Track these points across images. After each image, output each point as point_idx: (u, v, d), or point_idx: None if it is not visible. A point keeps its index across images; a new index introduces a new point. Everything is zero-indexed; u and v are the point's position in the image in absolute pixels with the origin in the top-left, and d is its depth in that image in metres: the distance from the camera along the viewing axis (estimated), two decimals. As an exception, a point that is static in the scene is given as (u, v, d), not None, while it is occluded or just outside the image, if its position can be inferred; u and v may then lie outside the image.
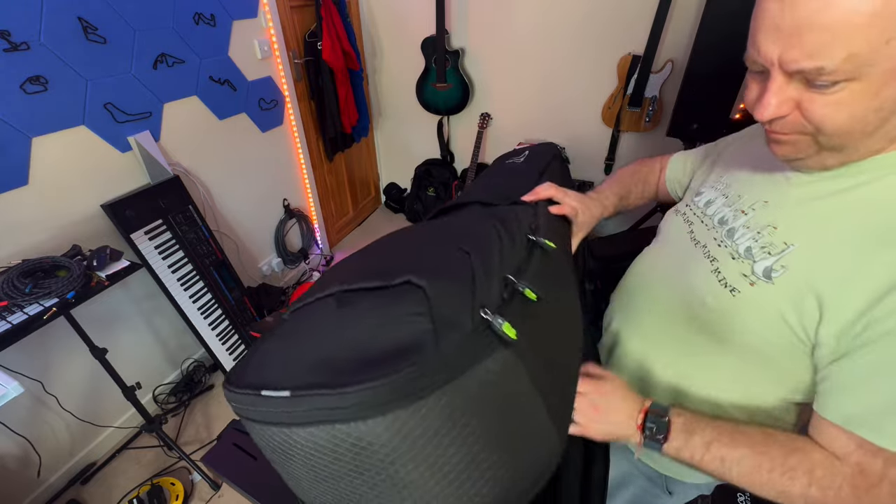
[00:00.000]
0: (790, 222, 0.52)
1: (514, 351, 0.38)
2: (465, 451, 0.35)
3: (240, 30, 1.94)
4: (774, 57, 0.42)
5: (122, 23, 1.48)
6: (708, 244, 0.61)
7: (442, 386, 0.34)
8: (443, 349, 0.34)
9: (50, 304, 1.17)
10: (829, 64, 0.39)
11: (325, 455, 0.34)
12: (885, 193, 0.46)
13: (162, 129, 1.70)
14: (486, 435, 0.36)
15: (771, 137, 0.49)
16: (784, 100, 0.44)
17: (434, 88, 2.61)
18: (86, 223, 1.51)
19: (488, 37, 2.47)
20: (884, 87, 0.39)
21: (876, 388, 0.44)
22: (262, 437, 0.36)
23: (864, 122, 0.42)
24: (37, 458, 1.50)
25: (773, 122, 0.46)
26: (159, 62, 1.62)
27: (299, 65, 2.36)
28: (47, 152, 1.37)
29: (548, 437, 0.43)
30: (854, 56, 0.38)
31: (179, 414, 1.92)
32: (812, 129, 0.44)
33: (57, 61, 1.33)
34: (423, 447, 0.34)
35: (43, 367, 1.48)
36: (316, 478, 0.36)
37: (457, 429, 0.35)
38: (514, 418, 0.39)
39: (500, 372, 0.37)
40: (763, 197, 0.57)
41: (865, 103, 0.41)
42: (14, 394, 1.04)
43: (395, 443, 0.33)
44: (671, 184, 0.82)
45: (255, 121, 2.13)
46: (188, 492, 1.62)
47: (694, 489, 0.78)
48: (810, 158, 0.48)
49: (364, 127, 2.76)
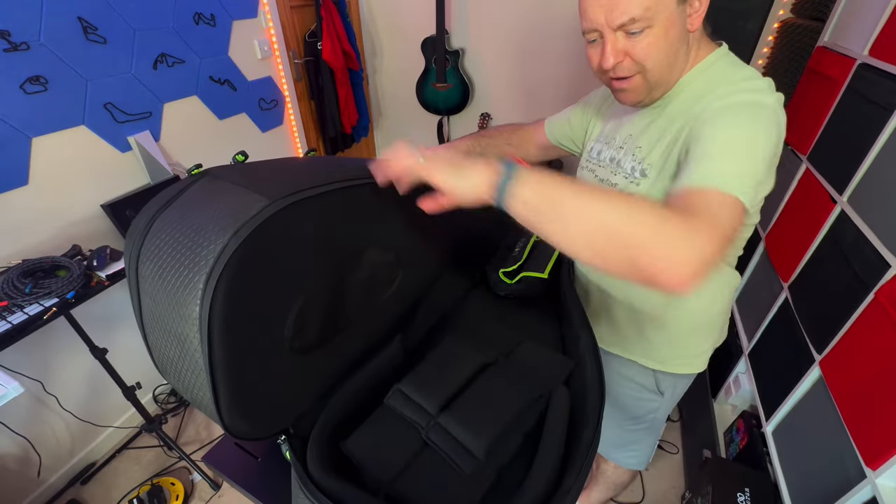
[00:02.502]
0: (645, 140, 0.76)
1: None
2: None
3: (240, 30, 1.94)
4: (603, 20, 0.63)
5: (122, 23, 1.48)
6: (608, 178, 0.83)
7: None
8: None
9: (50, 304, 1.17)
10: (636, 13, 0.60)
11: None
12: (679, 104, 0.72)
13: (162, 129, 1.70)
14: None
15: (616, 88, 0.72)
16: (617, 50, 0.65)
17: (434, 88, 2.61)
18: (86, 223, 1.51)
19: (488, 37, 2.47)
20: (669, 28, 0.63)
21: (696, 156, 0.60)
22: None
23: (666, 55, 0.65)
24: (37, 458, 1.50)
25: (616, 67, 0.67)
26: (159, 62, 1.62)
27: (299, 65, 2.36)
28: (47, 152, 1.37)
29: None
30: (647, 8, 0.60)
31: (179, 414, 1.92)
32: (640, 66, 0.66)
33: (57, 61, 1.33)
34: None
35: (43, 367, 1.48)
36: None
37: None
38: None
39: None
40: (628, 132, 0.81)
41: (663, 42, 0.63)
42: (14, 394, 1.04)
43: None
44: (559, 139, 1.02)
45: (255, 121, 2.13)
46: (188, 492, 1.62)
47: (683, 381, 0.98)
48: (646, 97, 0.71)
49: (364, 127, 2.76)
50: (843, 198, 1.13)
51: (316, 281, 0.60)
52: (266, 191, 0.51)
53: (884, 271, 0.94)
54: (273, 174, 0.59)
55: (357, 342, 0.74)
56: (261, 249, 0.49)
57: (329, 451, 0.61)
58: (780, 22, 1.78)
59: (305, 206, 0.54)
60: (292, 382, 0.63)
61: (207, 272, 0.45)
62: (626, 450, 1.15)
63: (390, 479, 0.58)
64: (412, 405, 0.65)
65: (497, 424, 0.61)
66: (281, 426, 0.63)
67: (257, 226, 0.47)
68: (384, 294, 0.77)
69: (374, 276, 0.73)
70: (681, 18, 0.64)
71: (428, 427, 0.62)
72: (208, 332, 0.47)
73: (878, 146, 1.02)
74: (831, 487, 0.98)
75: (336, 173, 0.63)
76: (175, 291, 0.47)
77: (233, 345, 0.50)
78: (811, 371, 1.14)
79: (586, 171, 0.90)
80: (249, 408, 0.56)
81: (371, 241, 0.71)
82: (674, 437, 1.77)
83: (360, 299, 0.71)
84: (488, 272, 1.02)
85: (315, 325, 0.62)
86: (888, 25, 1.07)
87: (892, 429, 0.85)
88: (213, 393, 0.51)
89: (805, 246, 1.27)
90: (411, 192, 0.61)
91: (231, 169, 0.58)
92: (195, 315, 0.46)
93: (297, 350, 0.61)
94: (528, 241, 1.08)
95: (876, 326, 0.95)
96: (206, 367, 0.48)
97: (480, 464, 0.58)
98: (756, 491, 1.21)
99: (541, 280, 0.96)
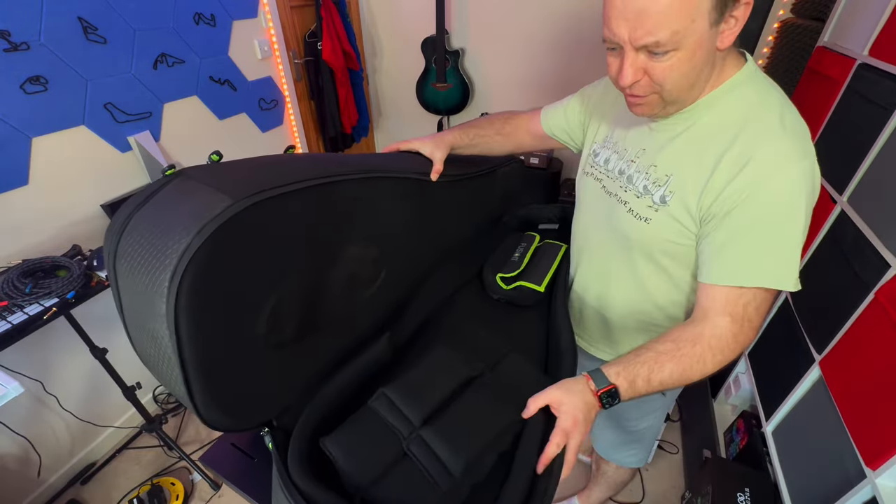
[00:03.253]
0: (662, 160, 0.72)
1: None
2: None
3: (240, 30, 1.94)
4: (626, 36, 0.58)
5: (122, 23, 1.48)
6: (617, 192, 0.79)
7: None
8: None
9: (50, 304, 1.17)
10: (662, 38, 0.56)
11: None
12: (704, 128, 0.68)
13: (162, 129, 1.70)
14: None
15: (630, 101, 0.68)
16: (637, 68, 0.61)
17: (434, 88, 2.61)
18: (86, 223, 1.51)
19: (488, 37, 2.47)
20: (696, 52, 0.58)
21: (728, 247, 0.64)
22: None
23: (688, 78, 0.62)
24: (37, 458, 1.50)
25: (633, 86, 0.63)
26: (159, 62, 1.62)
27: (299, 65, 2.36)
28: (47, 152, 1.37)
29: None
30: (676, 32, 0.55)
31: (179, 414, 1.92)
32: (658, 87, 0.63)
33: (57, 61, 1.33)
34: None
35: (43, 367, 1.48)
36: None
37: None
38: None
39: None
40: (641, 146, 0.76)
41: (687, 65, 0.59)
42: (14, 394, 1.04)
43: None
44: (554, 130, 0.98)
45: (255, 121, 2.13)
46: (188, 492, 1.62)
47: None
48: (661, 111, 0.68)
49: (364, 127, 2.76)
50: (843, 198, 1.13)
51: (289, 277, 0.61)
52: (231, 190, 0.52)
53: (884, 271, 0.94)
54: (243, 173, 0.60)
55: (341, 338, 0.74)
56: (225, 247, 0.50)
57: (309, 448, 0.61)
58: (780, 22, 1.78)
59: (270, 204, 0.55)
60: (271, 377, 0.64)
61: (172, 270, 0.47)
62: (627, 449, 1.15)
63: (367, 484, 0.59)
64: (396, 412, 0.65)
65: (476, 444, 0.62)
66: (262, 419, 0.64)
67: (219, 225, 0.49)
68: (368, 291, 0.77)
69: (356, 273, 0.73)
70: (711, 39, 0.59)
71: (409, 438, 0.63)
72: (175, 327, 0.48)
73: (878, 146, 1.02)
74: (831, 487, 0.98)
75: (311, 171, 0.63)
76: (145, 289, 0.49)
77: (202, 340, 0.51)
78: (811, 371, 1.14)
79: (591, 180, 0.86)
80: (225, 401, 0.57)
81: (351, 237, 0.70)
82: (674, 437, 1.77)
83: (342, 296, 0.71)
84: (485, 273, 1.02)
85: (292, 320, 0.63)
86: (888, 25, 1.07)
87: (892, 429, 0.85)
88: (185, 386, 0.52)
89: (805, 246, 1.27)
90: (411, 195, 0.62)
91: (203, 169, 0.59)
92: (163, 311, 0.48)
93: (275, 345, 0.61)
94: (529, 246, 1.08)
95: (876, 326, 0.95)
96: (177, 361, 0.50)
97: (456, 481, 0.59)
98: (756, 491, 1.21)
99: (535, 292, 0.97)
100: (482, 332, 0.87)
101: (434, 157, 0.88)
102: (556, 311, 0.92)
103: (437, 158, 0.88)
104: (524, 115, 1.02)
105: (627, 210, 0.76)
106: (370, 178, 0.73)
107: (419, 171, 0.86)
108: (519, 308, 0.99)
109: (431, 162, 0.88)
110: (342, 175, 0.67)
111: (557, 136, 0.98)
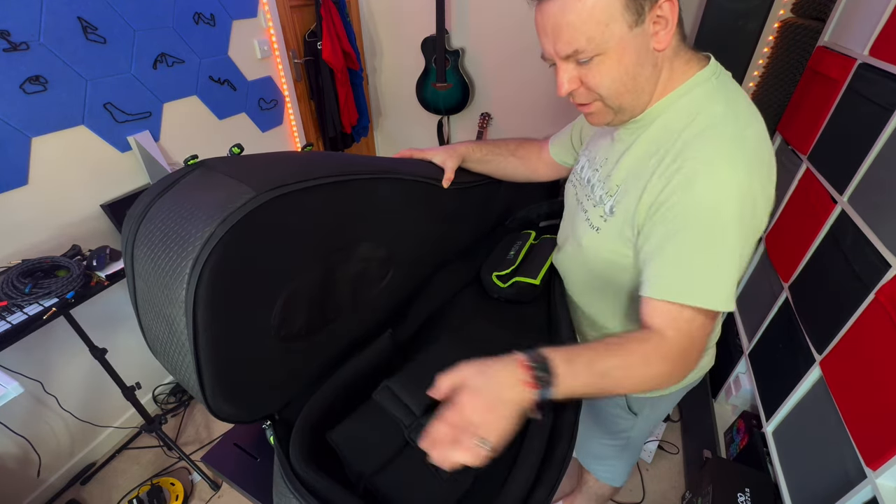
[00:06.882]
0: (617, 170, 0.71)
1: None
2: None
3: (240, 30, 1.94)
4: (551, 50, 0.61)
5: (122, 23, 1.48)
6: (583, 200, 0.80)
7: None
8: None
9: (50, 304, 1.17)
10: (580, 45, 0.57)
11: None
12: (650, 136, 0.67)
13: (162, 128, 1.70)
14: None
15: (583, 111, 0.68)
16: (571, 77, 0.62)
17: (434, 88, 2.61)
18: (86, 223, 1.51)
19: (488, 37, 2.47)
20: (623, 55, 0.58)
21: (657, 257, 0.60)
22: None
23: (622, 82, 0.60)
24: (37, 458, 1.50)
25: (574, 95, 0.64)
26: (159, 62, 1.62)
27: (299, 65, 2.36)
28: (47, 152, 1.37)
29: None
30: (591, 38, 0.56)
31: (179, 414, 1.92)
32: (596, 95, 0.63)
33: (57, 61, 1.33)
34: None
35: (43, 367, 1.48)
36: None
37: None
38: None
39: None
40: (605, 155, 0.76)
41: (617, 69, 0.59)
42: (14, 394, 1.04)
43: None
44: (563, 157, 0.99)
45: (255, 121, 2.13)
46: (188, 492, 1.62)
47: (662, 402, 0.95)
48: (613, 120, 0.67)
49: (364, 127, 2.75)
50: (844, 198, 1.13)
51: (303, 271, 0.61)
52: (255, 183, 0.52)
53: (884, 271, 0.94)
54: (265, 167, 0.60)
55: (347, 334, 0.75)
56: (247, 238, 0.51)
57: (311, 440, 0.62)
58: (780, 22, 1.78)
59: (291, 198, 0.55)
60: (279, 370, 0.64)
61: (194, 258, 0.47)
62: (602, 463, 1.13)
63: (371, 473, 0.59)
64: (398, 403, 0.66)
65: None
66: (266, 411, 0.65)
67: (243, 216, 0.49)
68: (375, 289, 0.77)
69: (365, 271, 0.74)
70: (639, 41, 0.58)
71: (411, 427, 0.63)
72: (193, 315, 0.49)
73: (879, 146, 1.02)
74: (831, 487, 0.98)
75: (330, 168, 0.63)
76: (165, 275, 0.49)
77: (217, 329, 0.51)
78: (811, 371, 1.14)
79: (570, 186, 0.87)
80: (233, 391, 0.58)
81: (363, 236, 0.71)
82: (674, 437, 1.77)
83: (351, 292, 0.72)
84: (482, 274, 1.02)
85: (302, 314, 0.63)
86: (888, 25, 1.07)
87: (892, 429, 0.85)
88: (197, 374, 0.52)
89: (805, 246, 1.27)
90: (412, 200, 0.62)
91: (225, 161, 0.59)
92: (181, 298, 0.48)
93: (284, 338, 0.62)
94: (523, 244, 1.08)
95: (876, 326, 0.95)
96: (191, 348, 0.50)
97: (458, 469, 0.59)
98: (756, 491, 1.21)
99: (532, 286, 0.97)
100: (485, 327, 0.87)
101: (446, 166, 0.91)
102: (555, 301, 0.92)
103: (449, 167, 0.91)
104: (537, 142, 1.04)
105: (585, 218, 0.76)
106: (385, 178, 0.75)
107: (431, 176, 0.88)
108: (520, 304, 0.99)
109: (443, 170, 0.91)
110: (359, 174, 0.67)
111: (567, 163, 0.98)
